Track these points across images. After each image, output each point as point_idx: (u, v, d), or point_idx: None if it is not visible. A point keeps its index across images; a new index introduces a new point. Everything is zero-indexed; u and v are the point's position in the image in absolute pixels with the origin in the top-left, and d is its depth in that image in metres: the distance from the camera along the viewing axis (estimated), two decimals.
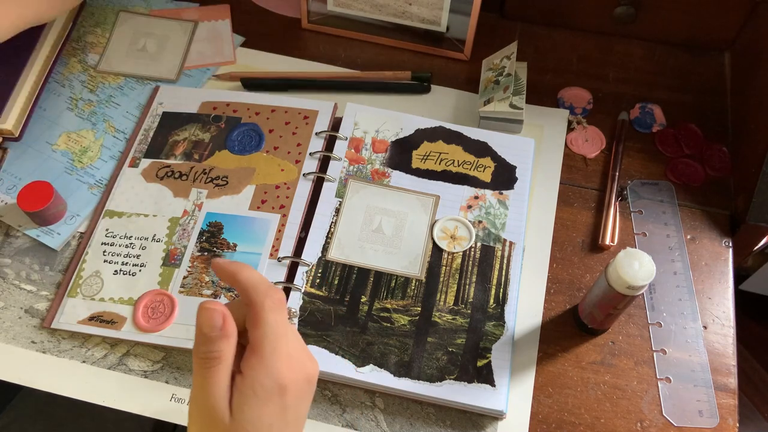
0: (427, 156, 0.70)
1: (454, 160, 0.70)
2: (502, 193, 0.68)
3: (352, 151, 0.70)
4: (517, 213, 0.67)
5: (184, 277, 0.63)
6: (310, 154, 0.70)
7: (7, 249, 0.67)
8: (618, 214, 0.69)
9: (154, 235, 0.66)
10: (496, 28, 0.83)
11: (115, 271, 0.64)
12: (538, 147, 0.73)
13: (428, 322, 0.61)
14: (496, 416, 0.59)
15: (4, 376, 0.60)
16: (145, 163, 0.70)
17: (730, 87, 0.79)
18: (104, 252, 0.65)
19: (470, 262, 0.64)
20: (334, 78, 0.78)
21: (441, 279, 0.63)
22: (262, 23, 0.83)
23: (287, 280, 0.63)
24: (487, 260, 0.64)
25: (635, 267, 0.53)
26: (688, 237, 0.68)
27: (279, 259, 0.64)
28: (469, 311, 0.62)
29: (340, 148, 0.71)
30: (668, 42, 0.82)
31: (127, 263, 0.64)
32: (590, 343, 0.63)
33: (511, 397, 0.60)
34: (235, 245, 0.65)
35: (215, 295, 0.62)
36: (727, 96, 0.78)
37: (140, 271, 0.64)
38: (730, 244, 0.68)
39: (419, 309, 0.62)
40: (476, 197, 0.68)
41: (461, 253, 0.65)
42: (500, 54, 0.76)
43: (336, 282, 0.63)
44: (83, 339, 0.62)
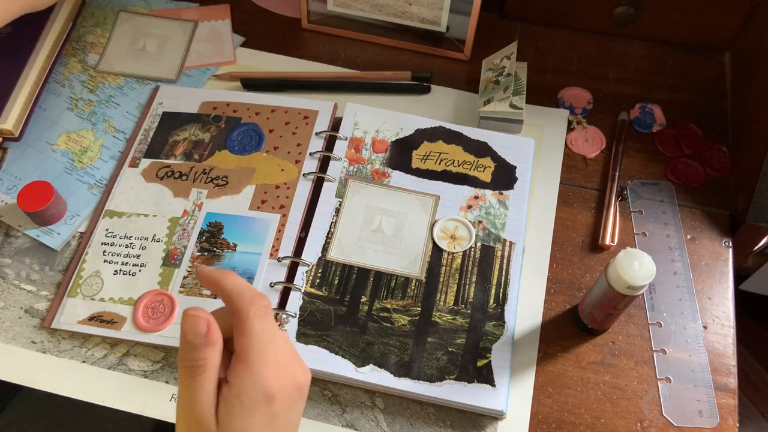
0: (427, 156, 0.70)
1: (454, 160, 0.70)
2: (502, 193, 0.68)
3: (352, 151, 0.70)
4: (517, 213, 0.67)
5: (184, 277, 0.63)
6: (310, 154, 0.70)
7: (7, 249, 0.67)
8: (618, 214, 0.69)
9: (154, 235, 0.66)
10: (496, 28, 0.83)
11: (115, 271, 0.64)
12: (538, 147, 0.73)
13: (428, 322, 0.61)
14: (496, 416, 0.59)
15: (4, 376, 0.60)
16: (145, 163, 0.70)
17: (730, 87, 0.79)
18: (104, 252, 0.65)
19: (470, 262, 0.64)
20: (334, 78, 0.78)
21: (441, 279, 0.63)
22: (262, 23, 0.83)
23: (287, 280, 0.63)
24: (487, 260, 0.64)
25: (635, 267, 0.53)
26: (688, 237, 0.68)
27: (279, 259, 0.64)
28: (469, 311, 0.62)
29: (340, 148, 0.71)
30: (668, 42, 0.82)
31: (127, 263, 0.64)
32: (590, 343, 0.63)
33: (511, 397, 0.60)
34: (235, 245, 0.65)
35: (215, 296, 0.62)
36: (727, 96, 0.78)
37: (140, 271, 0.64)
38: (730, 244, 0.68)
39: (419, 309, 0.62)
40: (476, 197, 0.68)
41: (461, 253, 0.65)
42: (500, 54, 0.76)
43: (336, 282, 0.63)
44: (83, 339, 0.62)
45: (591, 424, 0.59)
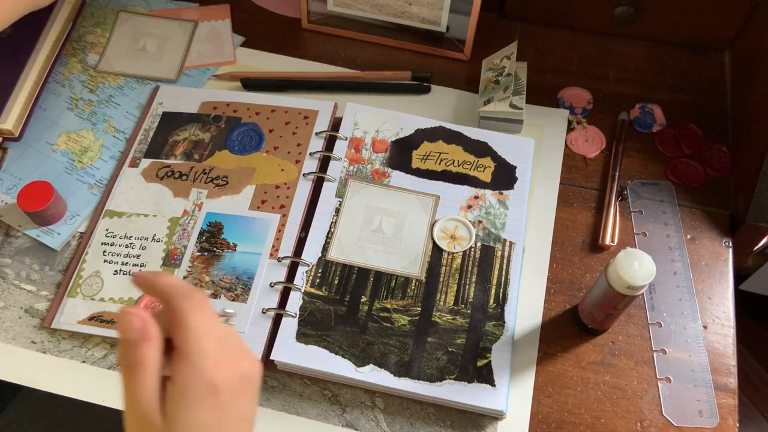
0: (427, 156, 0.70)
1: (454, 160, 0.70)
2: (502, 193, 0.68)
3: (352, 151, 0.70)
4: (517, 213, 0.67)
5: (184, 277, 0.63)
6: (310, 154, 0.70)
7: (7, 249, 0.67)
8: (618, 214, 0.69)
9: (154, 235, 0.66)
10: (496, 28, 0.83)
11: (115, 271, 0.64)
12: (538, 147, 0.73)
13: (428, 322, 0.61)
14: (496, 416, 0.59)
15: (4, 376, 0.60)
16: (145, 163, 0.70)
17: (730, 87, 0.79)
18: (104, 252, 0.65)
19: (470, 262, 0.64)
20: (334, 78, 0.78)
21: (441, 279, 0.63)
22: (262, 23, 0.83)
23: (287, 280, 0.63)
24: (487, 260, 0.64)
25: (635, 267, 0.53)
26: (688, 237, 0.68)
27: (279, 259, 0.64)
28: (469, 311, 0.62)
29: (340, 148, 0.71)
30: (668, 42, 0.82)
31: (127, 263, 0.64)
32: (590, 343, 0.63)
33: (511, 397, 0.60)
34: (235, 245, 0.65)
35: (215, 296, 0.62)
36: (727, 96, 0.78)
37: (140, 271, 0.64)
38: (730, 244, 0.68)
39: (419, 309, 0.62)
40: (476, 197, 0.68)
41: (461, 253, 0.65)
42: (500, 54, 0.76)
43: (336, 282, 0.63)
44: (83, 339, 0.62)
45: (591, 424, 0.59)
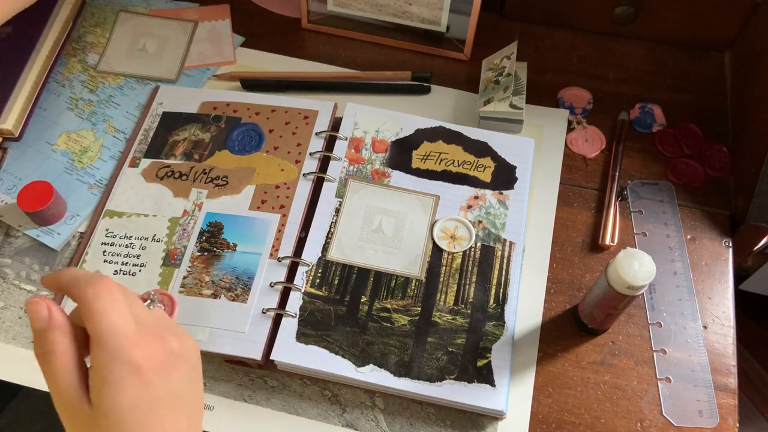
0: (427, 156, 0.70)
1: (454, 160, 0.70)
2: (502, 193, 0.68)
3: (352, 151, 0.70)
4: (517, 213, 0.67)
5: (184, 277, 0.63)
6: (310, 154, 0.70)
7: (7, 249, 0.67)
8: (618, 214, 0.69)
9: (154, 235, 0.66)
10: (496, 28, 0.83)
11: (115, 271, 0.64)
12: (538, 147, 0.73)
13: (428, 322, 0.61)
14: (496, 416, 0.59)
15: (4, 376, 0.60)
16: (145, 163, 0.70)
17: (730, 87, 0.79)
18: (104, 252, 0.65)
19: (470, 262, 0.64)
20: (334, 78, 0.78)
21: (441, 279, 0.63)
22: (262, 23, 0.83)
23: (287, 280, 0.63)
24: (487, 260, 0.64)
25: (635, 267, 0.53)
26: (688, 237, 0.68)
27: (279, 259, 0.64)
28: (469, 311, 0.62)
29: (340, 148, 0.71)
30: (668, 42, 0.82)
31: (127, 263, 0.64)
32: (590, 343, 0.63)
33: (511, 397, 0.60)
34: (235, 245, 0.65)
35: (215, 296, 0.62)
36: (727, 96, 0.78)
37: (140, 271, 0.64)
38: (730, 244, 0.68)
39: (419, 309, 0.62)
40: (476, 197, 0.68)
41: (461, 253, 0.65)
42: (500, 54, 0.76)
43: (336, 282, 0.63)
44: None
45: (591, 424, 0.59)
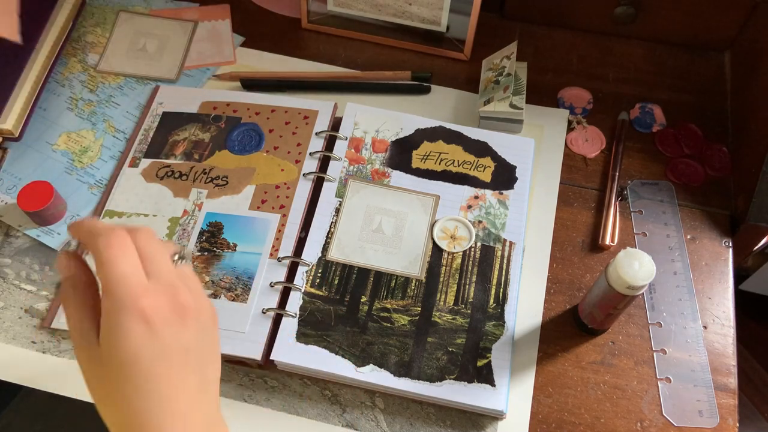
0: (427, 156, 0.70)
1: (454, 160, 0.70)
2: (502, 193, 0.68)
3: (352, 151, 0.70)
4: (517, 213, 0.67)
5: None
6: (310, 154, 0.70)
7: (7, 249, 0.67)
8: (618, 214, 0.69)
9: None
10: (496, 28, 0.83)
11: None
12: (538, 147, 0.73)
13: (428, 322, 0.61)
14: (496, 416, 0.59)
15: (4, 376, 0.60)
16: (145, 163, 0.70)
17: (730, 87, 0.79)
18: None
19: (470, 262, 0.64)
20: (334, 78, 0.78)
21: (441, 279, 0.63)
22: (262, 23, 0.83)
23: (287, 280, 0.63)
24: (487, 260, 0.64)
25: (635, 267, 0.53)
26: (688, 237, 0.68)
27: (279, 259, 0.64)
28: (469, 311, 0.62)
29: (340, 148, 0.71)
30: (668, 42, 0.82)
31: None
32: (590, 343, 0.63)
33: (511, 397, 0.60)
34: (235, 245, 0.65)
35: (215, 296, 0.62)
36: (727, 96, 0.78)
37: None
38: (730, 244, 0.68)
39: (419, 309, 0.62)
40: (476, 197, 0.68)
41: (461, 253, 0.65)
42: (500, 54, 0.76)
43: (336, 282, 0.63)
44: None
45: (591, 424, 0.59)
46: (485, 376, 0.58)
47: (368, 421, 0.59)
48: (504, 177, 0.69)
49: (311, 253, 0.64)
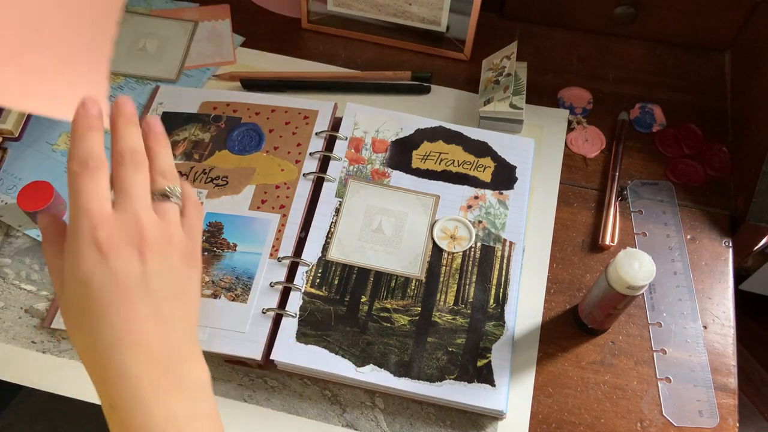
0: (427, 156, 0.70)
1: (454, 160, 0.70)
2: (502, 193, 0.68)
3: (352, 151, 0.70)
4: (517, 213, 0.67)
5: None
6: (310, 154, 0.70)
7: (7, 249, 0.67)
8: (618, 214, 0.69)
9: None
10: (496, 28, 0.83)
11: None
12: (538, 147, 0.73)
13: (428, 322, 0.61)
14: (496, 416, 0.59)
15: (4, 376, 0.60)
16: None
17: (730, 87, 0.79)
18: None
19: (470, 262, 0.64)
20: (334, 78, 0.78)
21: (441, 279, 0.63)
22: (262, 23, 0.83)
23: (287, 280, 0.63)
24: (487, 260, 0.64)
25: (635, 267, 0.53)
26: (688, 237, 0.68)
27: (279, 259, 0.64)
28: (469, 311, 0.62)
29: (340, 148, 0.71)
30: (668, 42, 0.82)
31: None
32: (590, 343, 0.63)
33: (511, 397, 0.60)
34: (235, 245, 0.65)
35: (215, 296, 0.62)
36: (727, 96, 0.78)
37: None
38: (730, 244, 0.68)
39: (419, 309, 0.62)
40: (476, 197, 0.68)
41: (461, 253, 0.65)
42: (500, 54, 0.76)
43: (336, 282, 0.63)
44: None
45: (591, 424, 0.59)
46: (485, 376, 0.58)
47: (368, 421, 0.59)
48: (504, 177, 0.69)
49: (311, 253, 0.64)
